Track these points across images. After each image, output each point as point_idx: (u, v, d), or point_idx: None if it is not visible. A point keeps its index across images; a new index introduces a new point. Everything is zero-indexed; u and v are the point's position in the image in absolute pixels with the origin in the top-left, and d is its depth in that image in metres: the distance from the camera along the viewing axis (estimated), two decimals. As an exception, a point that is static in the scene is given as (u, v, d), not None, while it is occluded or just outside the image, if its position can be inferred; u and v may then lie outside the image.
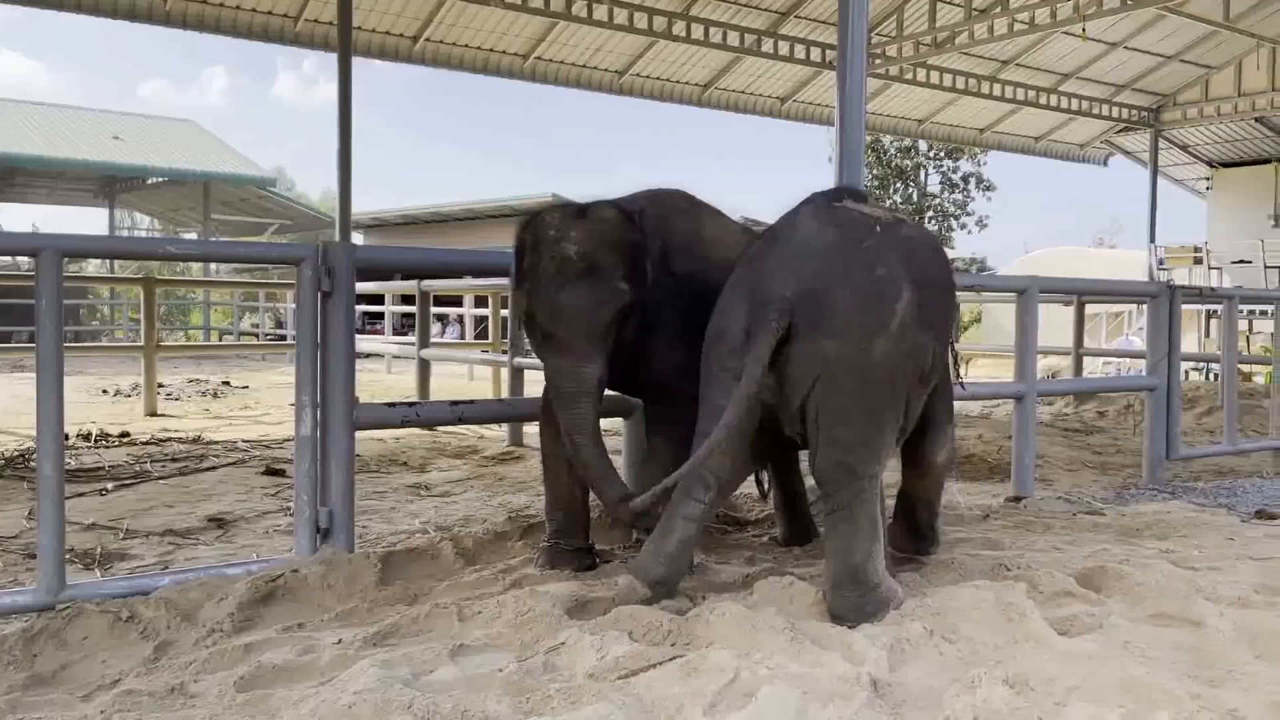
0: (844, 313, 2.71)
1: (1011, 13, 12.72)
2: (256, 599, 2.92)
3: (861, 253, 2.81)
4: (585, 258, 2.99)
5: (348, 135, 10.48)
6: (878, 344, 2.72)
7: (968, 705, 2.14)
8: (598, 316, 3.01)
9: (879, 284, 2.75)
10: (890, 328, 2.73)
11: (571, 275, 2.98)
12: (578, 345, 3.02)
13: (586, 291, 2.98)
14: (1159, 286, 5.82)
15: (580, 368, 3.01)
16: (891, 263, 2.80)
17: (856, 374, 2.73)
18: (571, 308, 2.98)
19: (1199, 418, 8.82)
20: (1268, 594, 3.04)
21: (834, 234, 2.87)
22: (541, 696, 2.20)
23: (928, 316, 2.86)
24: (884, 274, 2.77)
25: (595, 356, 3.03)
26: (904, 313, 2.76)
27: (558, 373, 3.06)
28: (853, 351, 2.71)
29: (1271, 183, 18.00)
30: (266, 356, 15.67)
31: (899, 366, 2.79)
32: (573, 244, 3.00)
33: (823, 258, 2.80)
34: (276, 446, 6.48)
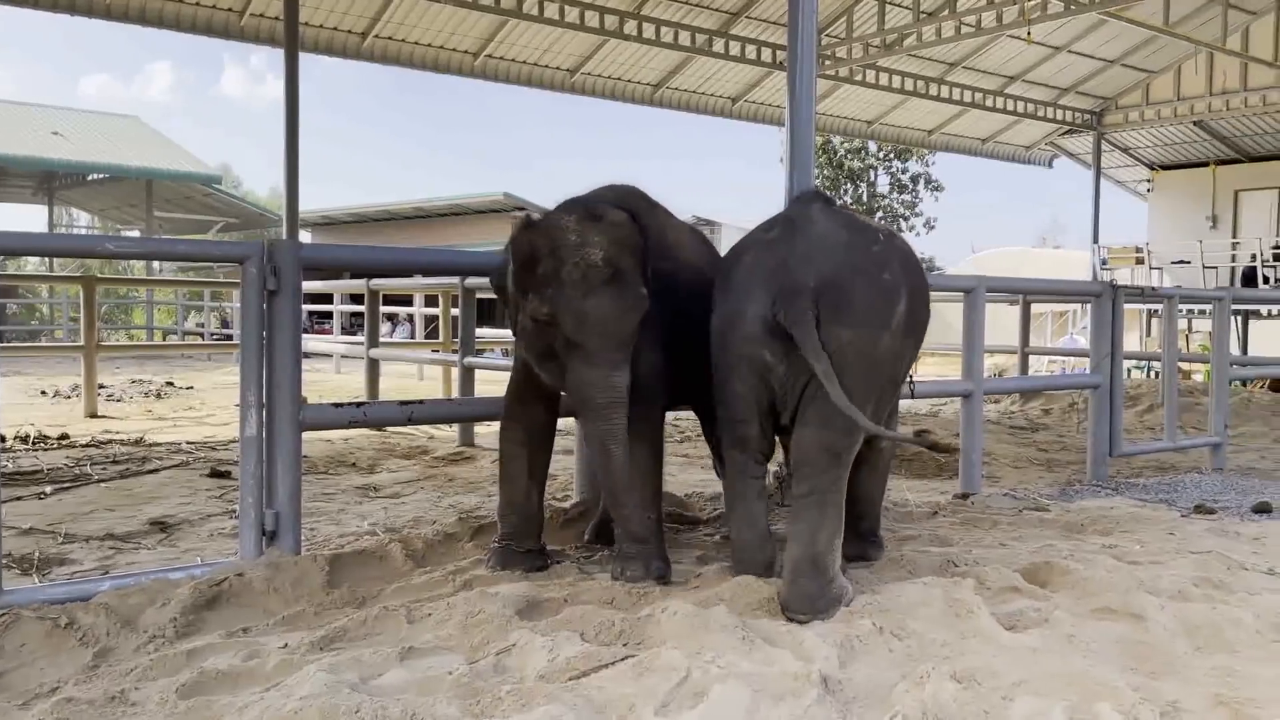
0: (860, 306, 2.89)
1: (958, 16, 12.91)
2: (200, 604, 2.87)
3: (872, 255, 3.00)
4: (611, 263, 2.90)
5: (295, 132, 10.34)
6: (883, 339, 2.93)
7: (917, 701, 2.16)
8: (625, 323, 2.93)
9: (887, 285, 2.96)
10: (892, 326, 2.95)
11: (598, 282, 2.88)
12: (609, 354, 2.91)
13: (615, 298, 2.90)
14: (1102, 286, 5.93)
15: (612, 377, 2.91)
16: (895, 268, 3.01)
17: (862, 362, 2.89)
18: (600, 316, 2.87)
19: (1140, 415, 9.02)
20: (1206, 587, 3.11)
21: (848, 234, 3.04)
22: (492, 699, 2.18)
23: (913, 323, 3.08)
24: (889, 278, 2.97)
25: (624, 365, 2.94)
26: (901, 315, 2.98)
27: (588, 384, 2.92)
28: (863, 340, 2.89)
29: (1209, 185, 18.46)
30: (212, 356, 15.43)
31: (892, 363, 3.02)
32: (597, 250, 2.90)
33: (841, 254, 2.96)
34: (222, 448, 6.38)
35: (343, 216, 28.18)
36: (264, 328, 3.23)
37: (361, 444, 6.60)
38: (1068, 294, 13.18)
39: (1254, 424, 8.55)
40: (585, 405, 2.96)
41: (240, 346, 3.29)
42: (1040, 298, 12.79)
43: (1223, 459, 6.25)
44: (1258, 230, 17.10)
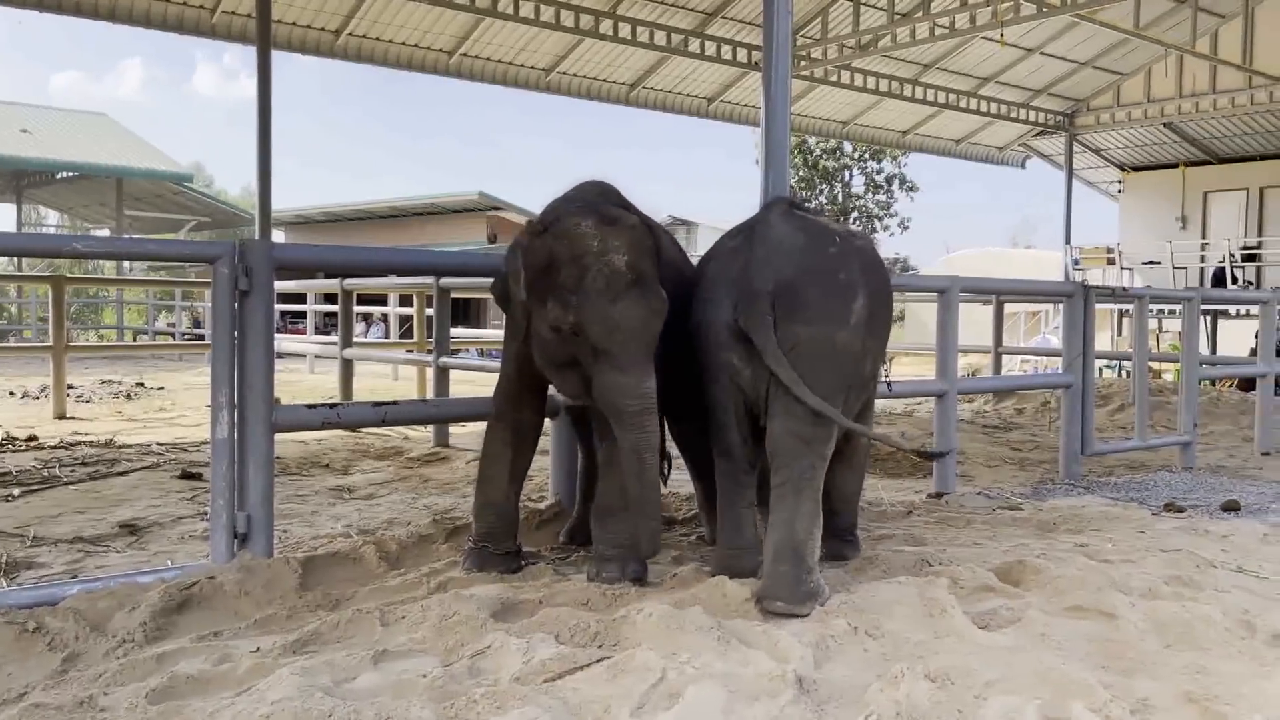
0: (814, 305, 3.00)
1: (932, 17, 12.99)
2: (170, 607, 2.84)
3: (828, 257, 3.10)
4: (633, 268, 2.87)
5: (267, 130, 10.27)
6: (840, 334, 3.02)
7: (891, 701, 2.16)
8: (651, 329, 2.91)
9: (842, 285, 3.06)
10: (850, 324, 3.04)
11: (623, 288, 2.85)
12: (638, 360, 2.88)
13: (641, 303, 2.87)
14: (1074, 286, 5.98)
15: (643, 383, 2.87)
16: (852, 269, 3.10)
17: (821, 355, 3.00)
18: (629, 322, 2.84)
19: (1112, 414, 9.09)
20: (1176, 585, 3.14)
21: (804, 239, 3.14)
22: (466, 701, 2.16)
23: (874, 322, 3.15)
24: (845, 278, 3.07)
25: (651, 371, 2.91)
26: (859, 313, 3.06)
27: (621, 392, 2.86)
28: (820, 335, 2.99)
29: (1179, 186, 18.66)
30: (183, 357, 15.29)
31: (855, 360, 3.09)
32: (620, 255, 2.86)
33: (797, 259, 3.06)
34: (193, 449, 6.31)
35: (316, 216, 27.98)
36: (235, 328, 3.20)
37: (335, 445, 6.56)
38: (1041, 294, 13.29)
39: (1222, 423, 8.65)
40: (618, 414, 2.89)
41: (211, 347, 3.25)
42: (1013, 298, 12.89)
43: (1192, 457, 6.32)
44: (1226, 231, 17.31)
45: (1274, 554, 3.69)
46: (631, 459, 2.89)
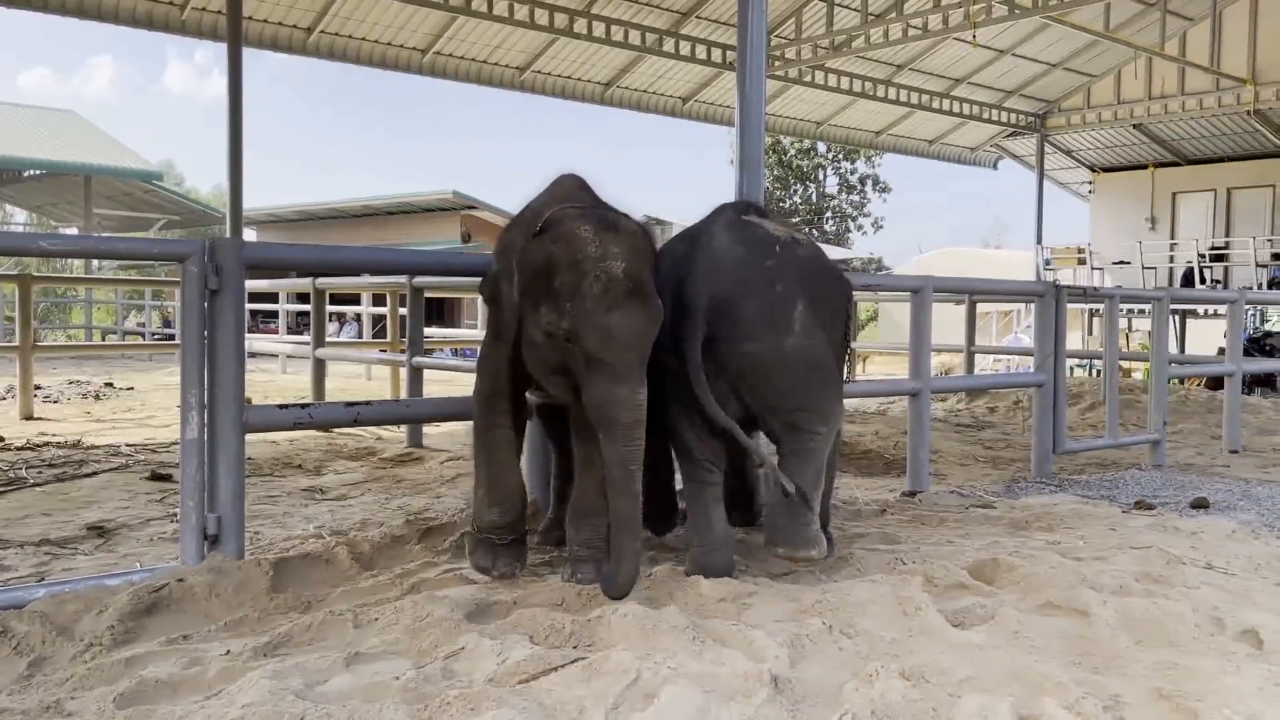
0: (752, 321, 3.10)
1: (905, 18, 13.06)
2: (139, 610, 2.80)
3: (765, 270, 3.17)
4: (631, 276, 2.79)
5: (239, 128, 10.19)
6: (785, 343, 3.12)
7: (866, 699, 2.17)
8: (647, 339, 2.84)
9: (779, 297, 3.14)
10: (794, 330, 3.13)
11: (621, 296, 2.77)
12: (632, 371, 2.80)
13: (638, 312, 2.80)
14: (1046, 286, 6.02)
15: (636, 395, 2.80)
16: (788, 279, 3.18)
17: (777, 364, 3.12)
18: (626, 331, 2.77)
19: (1083, 413, 9.18)
20: (1147, 582, 3.16)
21: (743, 252, 3.20)
22: (440, 704, 2.15)
23: (822, 322, 3.24)
24: (782, 289, 3.15)
25: (644, 381, 2.85)
26: (800, 318, 3.15)
27: (613, 402, 2.79)
28: (765, 349, 3.10)
29: (1148, 187, 18.87)
30: (153, 356, 15.12)
31: (811, 352, 3.18)
32: (619, 262, 2.78)
33: (734, 273, 3.15)
34: (163, 450, 6.24)
35: (288, 214, 27.77)
36: (206, 328, 3.16)
37: (307, 445, 6.50)
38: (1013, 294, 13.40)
39: (1191, 421, 8.74)
40: (609, 424, 2.81)
41: (181, 347, 3.22)
42: (986, 297, 12.99)
43: (1162, 455, 6.38)
44: (1194, 231, 17.52)
45: (1242, 551, 3.73)
46: (619, 473, 2.82)
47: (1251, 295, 11.28)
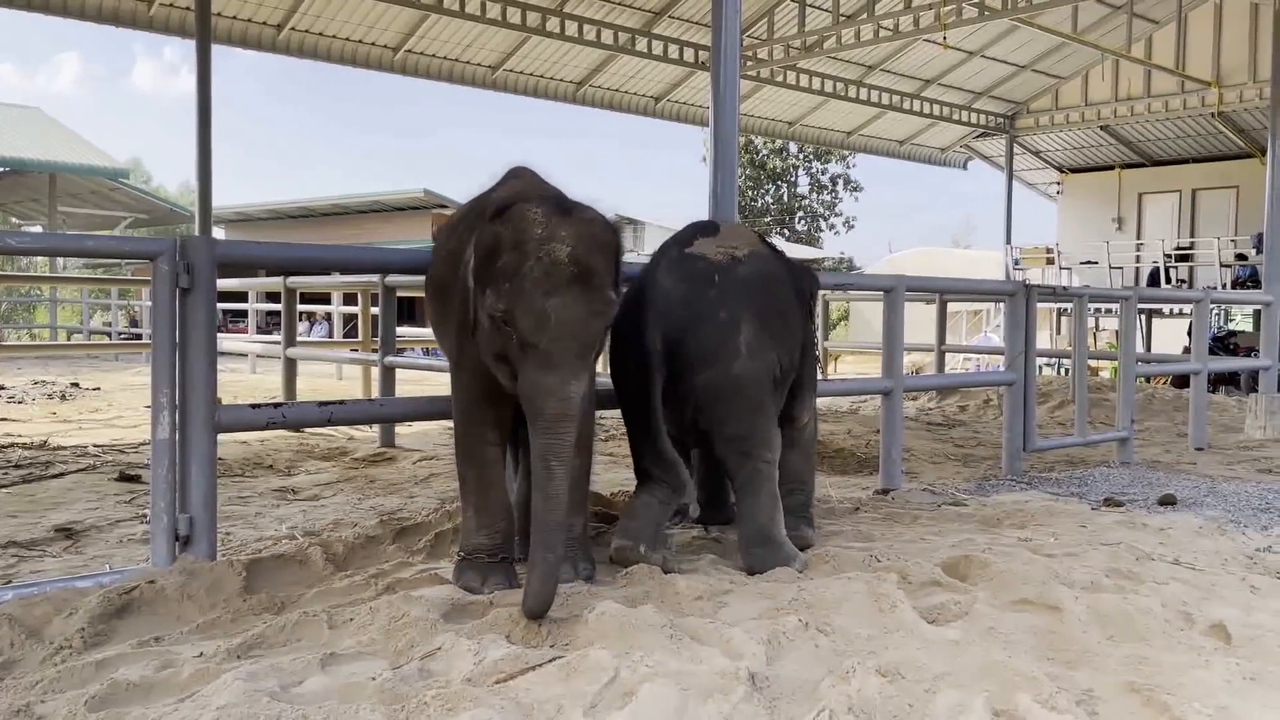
0: (700, 354, 3.33)
1: (877, 19, 13.13)
2: (109, 612, 2.77)
3: (708, 303, 3.38)
4: (579, 262, 2.66)
5: (207, 125, 10.10)
6: (735, 366, 3.34)
7: (843, 695, 2.18)
8: (589, 328, 2.71)
9: (723, 326, 3.35)
10: (742, 353, 3.35)
11: (562, 281, 2.64)
12: (567, 361, 2.67)
13: (578, 299, 2.66)
14: (1016, 286, 6.08)
15: (567, 385, 2.66)
16: (731, 305, 3.38)
17: (725, 390, 3.34)
18: (561, 318, 2.63)
19: (1052, 411, 9.27)
20: (1117, 578, 3.20)
21: (685, 289, 3.41)
22: (417, 704, 2.14)
23: (771, 337, 3.45)
24: (725, 317, 3.36)
25: (582, 373, 2.75)
26: (748, 339, 3.37)
27: (541, 391, 2.65)
28: (718, 376, 3.33)
29: (1115, 188, 19.08)
30: (120, 356, 14.95)
31: (758, 377, 3.39)
32: (565, 246, 2.65)
33: (680, 312, 3.36)
34: (131, 451, 6.17)
35: (258, 213, 27.52)
36: (176, 327, 3.13)
37: (279, 446, 6.45)
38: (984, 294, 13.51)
39: (1158, 419, 8.86)
40: (534, 414, 2.68)
41: (151, 347, 3.18)
42: (957, 297, 13.08)
43: (1129, 453, 6.46)
44: (1160, 232, 17.73)
45: (1209, 546, 3.78)
46: (539, 466, 2.66)
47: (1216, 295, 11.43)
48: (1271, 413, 7.85)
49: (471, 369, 3.03)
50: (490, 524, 3.08)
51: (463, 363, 3.08)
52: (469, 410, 3.11)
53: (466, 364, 3.05)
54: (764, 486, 3.37)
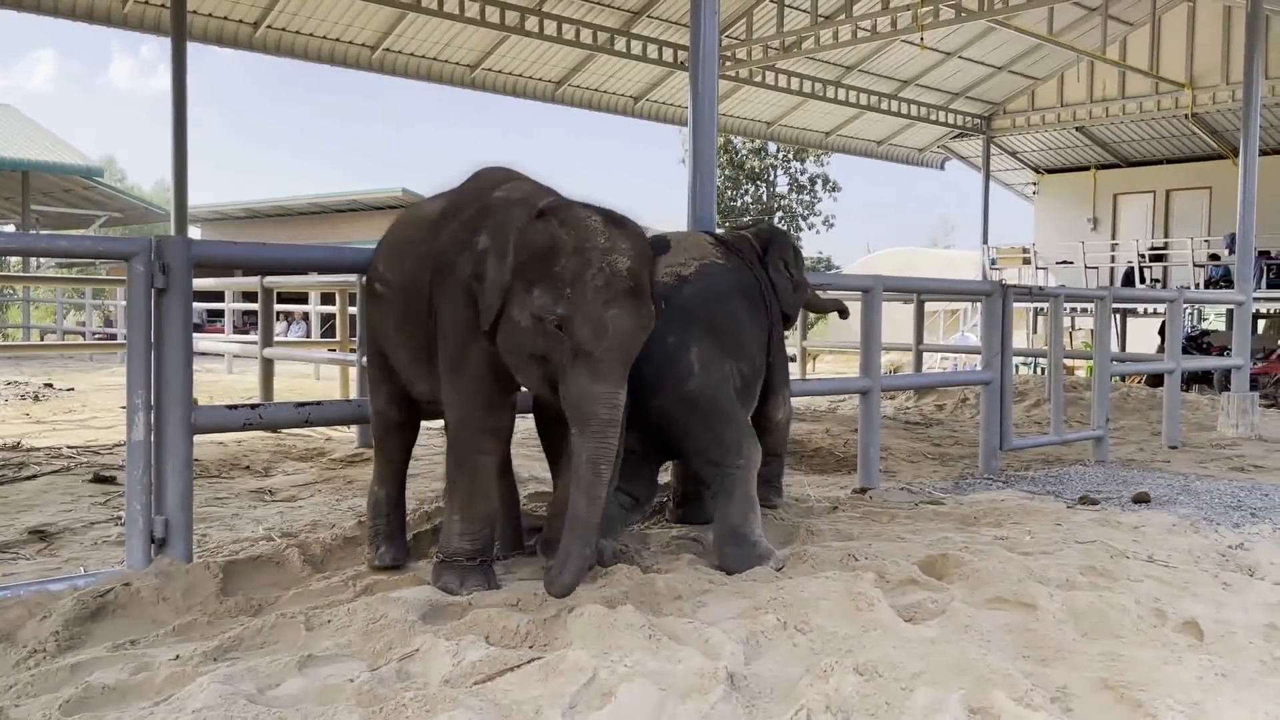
0: (654, 378, 3.39)
1: (855, 20, 13.18)
2: (84, 615, 2.74)
3: (656, 329, 3.17)
4: (634, 276, 2.72)
5: (183, 123, 10.03)
6: (690, 383, 3.45)
7: (820, 694, 2.19)
8: (638, 340, 2.78)
9: (672, 349, 3.45)
10: (695, 370, 3.46)
11: (620, 292, 2.69)
12: (616, 369, 2.73)
13: (633, 312, 2.73)
14: (993, 286, 6.12)
15: (616, 394, 2.73)
16: (679, 328, 3.47)
17: (683, 408, 3.46)
18: (618, 328, 2.68)
19: (1028, 410, 9.35)
20: (1092, 575, 3.23)
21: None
22: (395, 706, 2.13)
23: (724, 350, 3.58)
24: (674, 340, 3.45)
25: (625, 384, 2.79)
26: (700, 357, 3.48)
27: (592, 398, 2.70)
28: (674, 396, 3.44)
29: (1090, 188, 19.25)
30: (94, 357, 14.82)
31: (715, 389, 3.50)
32: (625, 259, 2.71)
33: None
34: (106, 452, 6.12)
35: (235, 212, 27.36)
36: (151, 327, 3.11)
37: (256, 446, 6.41)
38: (961, 293, 13.60)
39: (1132, 417, 8.95)
40: (585, 420, 2.72)
41: (126, 347, 3.16)
42: (934, 297, 13.15)
43: (1104, 451, 6.52)
44: (1135, 232, 17.90)
45: (1182, 544, 3.82)
46: (587, 470, 2.73)
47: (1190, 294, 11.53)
48: (1243, 411, 7.94)
49: (476, 374, 2.96)
50: (474, 531, 3.04)
51: (464, 366, 2.97)
52: (468, 417, 3.01)
53: (470, 368, 2.96)
54: (737, 489, 3.42)
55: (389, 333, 3.29)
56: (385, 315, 3.29)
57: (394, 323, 3.24)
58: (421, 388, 3.23)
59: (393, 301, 3.24)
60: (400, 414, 3.39)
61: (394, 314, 3.23)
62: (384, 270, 3.29)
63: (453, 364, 2.98)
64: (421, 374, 3.17)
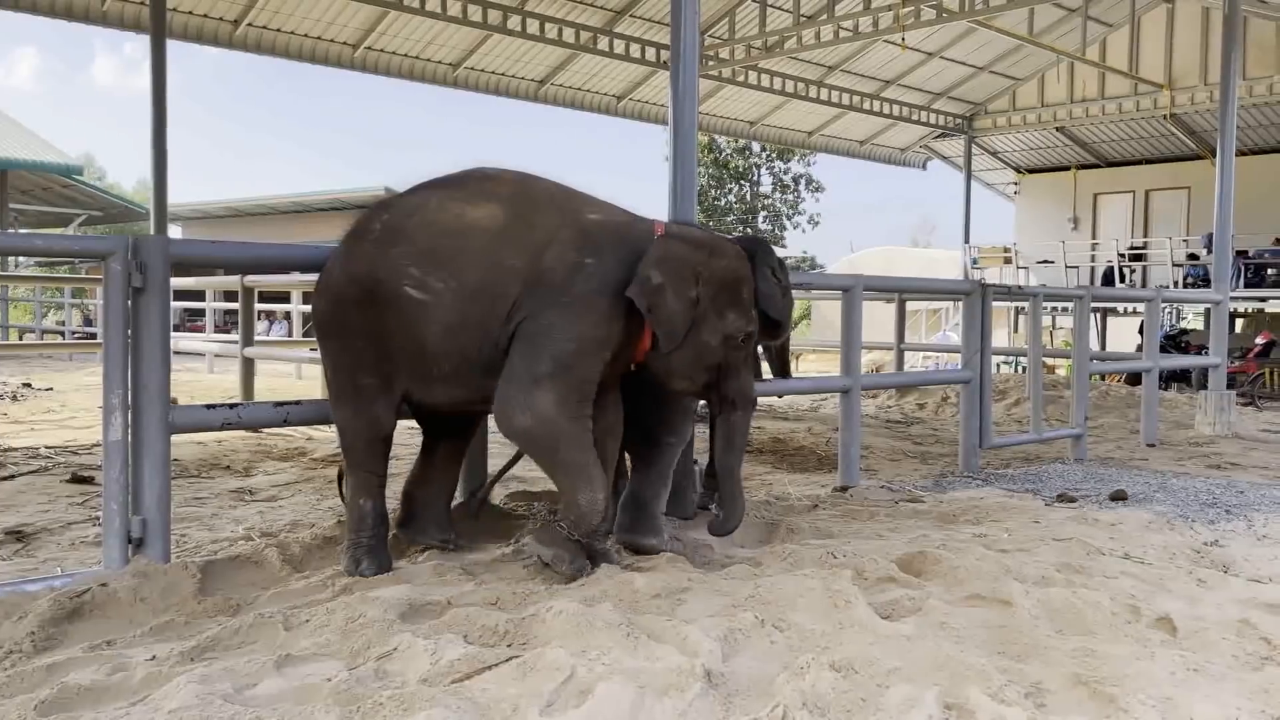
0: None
1: (837, 20, 13.22)
2: (60, 616, 2.73)
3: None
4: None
5: (163, 122, 9.98)
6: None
7: (797, 691, 2.20)
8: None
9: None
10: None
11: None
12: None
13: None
14: (973, 285, 6.15)
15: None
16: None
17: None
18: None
19: (1008, 408, 9.40)
20: (1068, 573, 3.26)
21: None
22: (373, 704, 2.13)
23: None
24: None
25: None
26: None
27: (750, 389, 3.43)
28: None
29: (1071, 188, 19.37)
30: (74, 356, 14.71)
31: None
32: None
33: None
34: (84, 452, 6.08)
35: (216, 210, 27.20)
36: (129, 327, 3.09)
37: (236, 446, 6.39)
38: (941, 292, 13.65)
39: (1111, 415, 9.01)
40: (745, 404, 3.40)
41: (104, 346, 3.14)
42: (915, 296, 13.21)
43: (1083, 450, 6.57)
44: (1114, 232, 18.02)
45: (1158, 541, 3.86)
46: (741, 438, 3.46)
47: (1168, 294, 11.65)
48: (1220, 409, 8.01)
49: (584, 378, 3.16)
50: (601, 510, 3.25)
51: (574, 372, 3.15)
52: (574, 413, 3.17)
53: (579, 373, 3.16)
54: (656, 464, 3.64)
55: (427, 339, 3.16)
56: (422, 322, 3.14)
57: (441, 330, 3.14)
58: (452, 393, 3.24)
59: (442, 308, 3.13)
60: (392, 423, 3.35)
61: (443, 321, 3.14)
62: (422, 275, 3.14)
63: (563, 370, 3.12)
64: (463, 379, 3.20)
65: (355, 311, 3.21)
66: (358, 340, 3.23)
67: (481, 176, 3.36)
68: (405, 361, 3.22)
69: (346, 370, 3.29)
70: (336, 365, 3.32)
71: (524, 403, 3.09)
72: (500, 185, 3.32)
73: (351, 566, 3.23)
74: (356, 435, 3.33)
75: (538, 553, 3.15)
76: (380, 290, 3.16)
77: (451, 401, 3.33)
